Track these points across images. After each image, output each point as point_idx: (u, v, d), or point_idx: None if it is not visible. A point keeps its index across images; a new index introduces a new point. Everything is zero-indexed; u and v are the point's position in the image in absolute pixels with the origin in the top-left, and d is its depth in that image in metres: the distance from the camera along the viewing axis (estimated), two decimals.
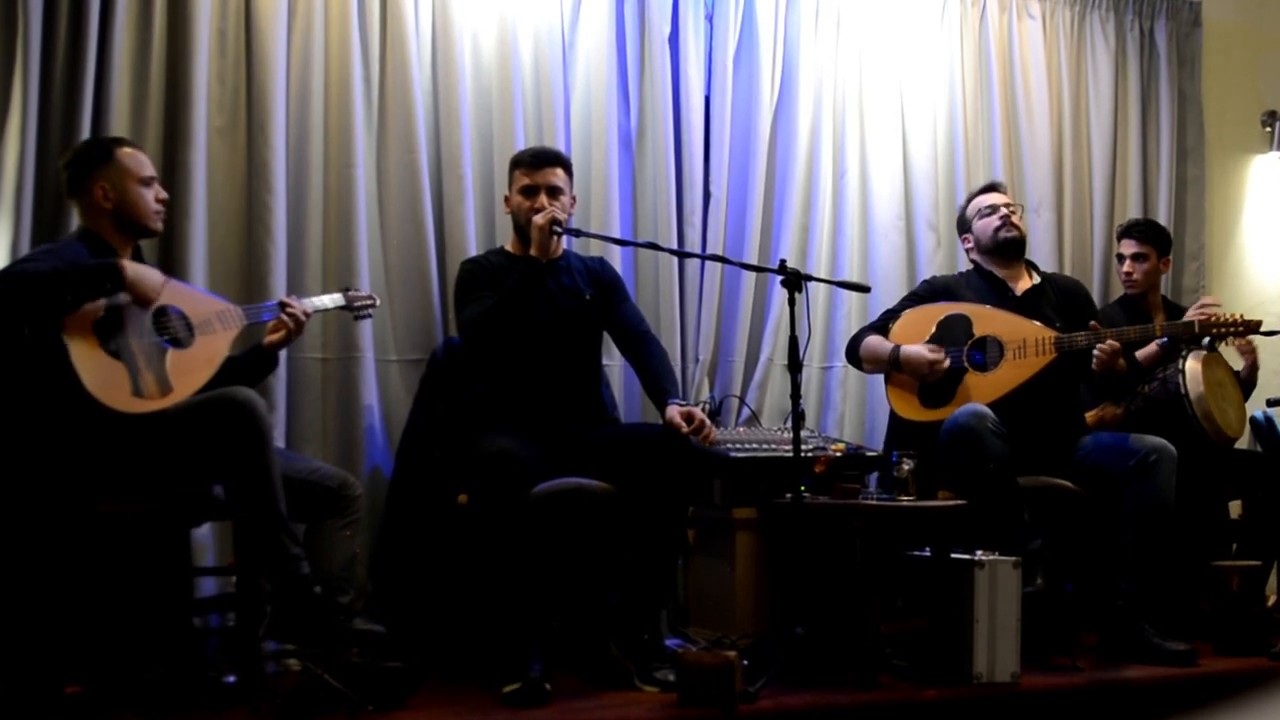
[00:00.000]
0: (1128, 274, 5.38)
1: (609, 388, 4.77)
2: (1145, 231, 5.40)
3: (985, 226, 4.88)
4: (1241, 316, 4.66)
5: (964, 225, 5.01)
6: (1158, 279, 5.43)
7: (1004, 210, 4.88)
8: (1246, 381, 5.21)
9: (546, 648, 3.81)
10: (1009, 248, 4.87)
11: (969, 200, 5.03)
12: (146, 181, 3.81)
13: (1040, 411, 4.60)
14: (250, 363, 4.03)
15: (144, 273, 3.63)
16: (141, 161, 3.82)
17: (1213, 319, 4.64)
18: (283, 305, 3.97)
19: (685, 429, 3.97)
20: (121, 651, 3.72)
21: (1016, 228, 4.88)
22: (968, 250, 5.00)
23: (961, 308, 4.76)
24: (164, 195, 3.89)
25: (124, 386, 3.53)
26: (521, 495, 3.86)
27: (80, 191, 3.78)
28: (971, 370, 4.64)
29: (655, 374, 4.31)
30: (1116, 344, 4.53)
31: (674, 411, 4.03)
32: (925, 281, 5.12)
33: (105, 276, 3.55)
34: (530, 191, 4.27)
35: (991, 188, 5.02)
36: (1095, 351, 4.52)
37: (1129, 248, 5.38)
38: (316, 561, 3.70)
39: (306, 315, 4.00)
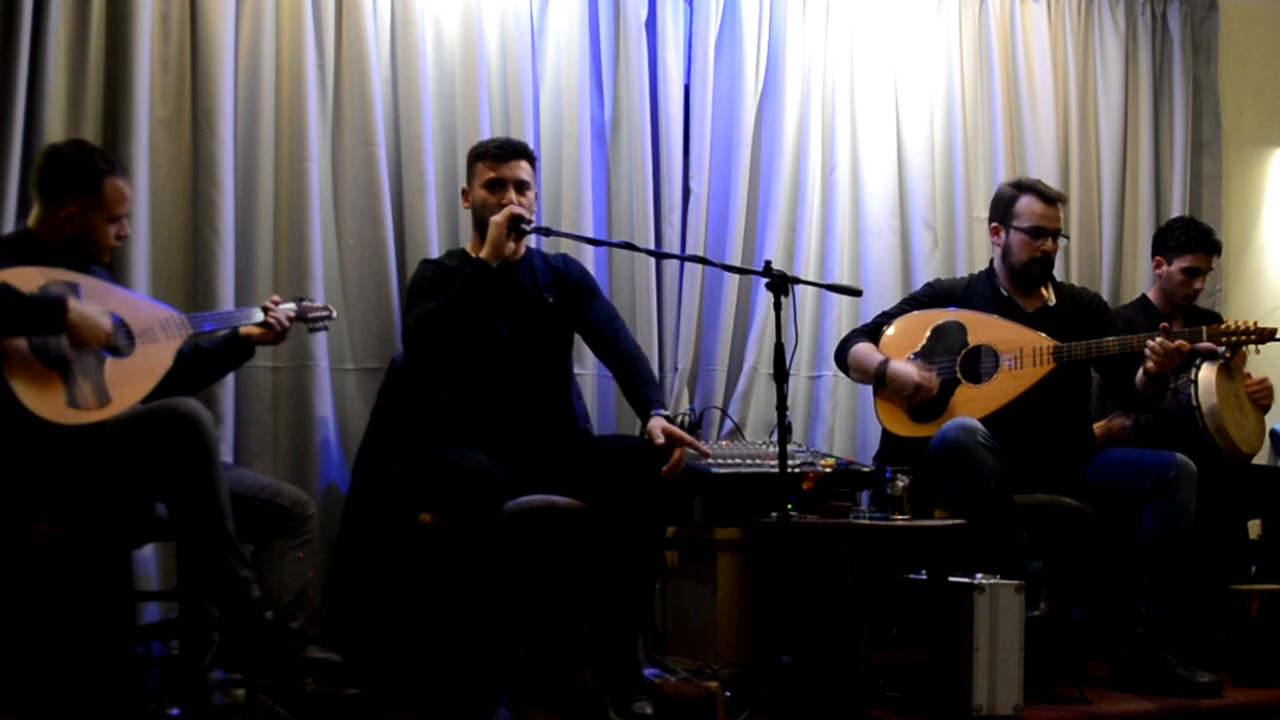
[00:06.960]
0: (1198, 290, 5.29)
1: (581, 399, 4.79)
2: (1217, 245, 5.32)
3: (1020, 244, 4.77)
4: (1256, 324, 4.59)
5: (1002, 217, 4.86)
6: None
7: (1049, 244, 4.77)
8: None
9: (514, 684, 3.84)
10: (1030, 280, 4.82)
11: (1022, 188, 4.86)
12: (116, 217, 3.86)
13: (1045, 427, 4.63)
14: (222, 350, 4.07)
15: (89, 319, 3.63)
16: (123, 196, 3.88)
17: (1225, 328, 4.60)
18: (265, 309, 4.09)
19: (659, 441, 3.98)
20: (57, 681, 3.73)
21: (1050, 263, 4.82)
22: (995, 243, 4.89)
23: (957, 314, 4.77)
24: (126, 232, 3.97)
25: (59, 396, 3.56)
26: (492, 513, 3.88)
27: (48, 199, 3.81)
28: (965, 382, 4.66)
29: (635, 379, 4.29)
30: (1185, 344, 4.41)
31: (657, 425, 4.02)
32: (928, 285, 5.10)
33: (47, 317, 3.55)
34: (496, 186, 4.24)
35: (1054, 200, 4.84)
36: (1148, 349, 4.42)
37: (1205, 263, 5.26)
38: (267, 585, 3.75)
39: (289, 320, 4.11)
